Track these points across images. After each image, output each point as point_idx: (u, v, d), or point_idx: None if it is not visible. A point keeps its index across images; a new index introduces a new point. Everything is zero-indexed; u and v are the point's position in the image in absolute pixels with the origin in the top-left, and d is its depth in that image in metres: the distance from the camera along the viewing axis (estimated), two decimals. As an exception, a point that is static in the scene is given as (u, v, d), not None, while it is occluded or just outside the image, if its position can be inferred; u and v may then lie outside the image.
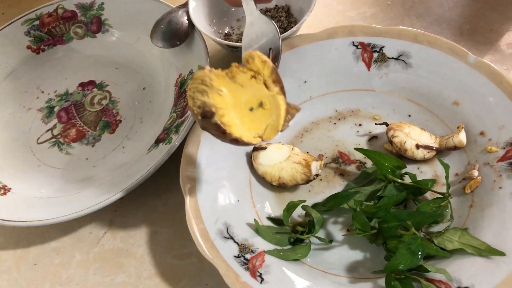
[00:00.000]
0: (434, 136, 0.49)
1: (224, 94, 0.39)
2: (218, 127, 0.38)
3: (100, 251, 0.49)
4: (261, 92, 0.39)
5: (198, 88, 0.38)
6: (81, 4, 0.63)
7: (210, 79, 0.38)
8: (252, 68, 0.39)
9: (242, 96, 0.40)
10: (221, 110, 0.38)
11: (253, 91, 0.40)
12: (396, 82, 0.52)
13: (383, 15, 0.63)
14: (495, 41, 0.58)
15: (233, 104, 0.39)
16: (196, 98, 0.38)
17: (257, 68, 0.39)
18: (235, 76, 0.40)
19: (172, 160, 0.48)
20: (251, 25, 0.45)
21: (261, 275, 0.42)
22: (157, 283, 0.46)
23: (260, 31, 0.45)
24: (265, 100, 0.40)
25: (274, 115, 0.39)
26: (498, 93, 0.47)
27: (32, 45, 0.63)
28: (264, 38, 0.45)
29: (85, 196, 0.50)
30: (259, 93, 0.39)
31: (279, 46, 0.45)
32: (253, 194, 0.49)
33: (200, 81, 0.38)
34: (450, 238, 0.42)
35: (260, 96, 0.40)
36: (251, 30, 0.45)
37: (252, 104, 0.40)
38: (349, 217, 0.47)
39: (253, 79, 0.39)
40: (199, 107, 0.38)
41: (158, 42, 0.57)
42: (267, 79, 0.39)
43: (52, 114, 0.60)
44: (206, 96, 0.38)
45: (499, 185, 0.45)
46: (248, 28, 0.45)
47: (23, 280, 0.48)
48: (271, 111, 0.39)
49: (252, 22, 0.45)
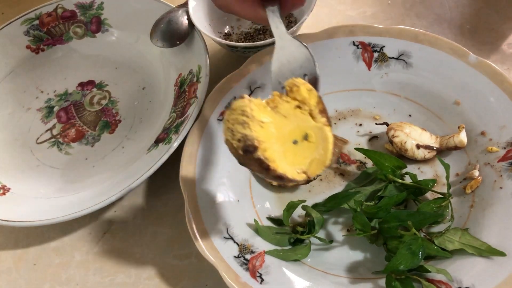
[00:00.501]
0: (434, 136, 0.49)
1: (266, 126, 0.36)
2: (261, 163, 0.34)
3: (99, 252, 0.49)
4: (306, 123, 0.37)
5: (238, 120, 0.35)
6: (81, 3, 0.63)
7: (251, 109, 0.35)
8: (297, 97, 0.37)
9: (285, 128, 0.37)
10: (264, 143, 0.35)
11: (298, 122, 0.37)
12: (396, 82, 0.52)
13: (384, 15, 0.63)
14: (496, 41, 0.58)
15: (276, 136, 0.36)
16: (235, 131, 0.35)
17: (302, 97, 0.36)
18: (277, 106, 0.37)
19: (172, 160, 0.48)
20: (282, 49, 0.42)
21: (261, 276, 0.42)
22: (157, 283, 0.46)
23: (292, 55, 0.42)
24: (311, 132, 0.36)
25: (321, 148, 0.36)
26: (499, 93, 0.47)
27: (32, 45, 0.63)
28: (297, 62, 0.42)
29: (85, 196, 0.50)
30: (304, 124, 0.37)
31: (315, 72, 0.41)
32: (253, 194, 0.49)
33: (240, 112, 0.35)
34: (450, 239, 0.42)
35: (305, 128, 0.37)
36: (281, 54, 0.42)
37: (296, 137, 0.37)
38: (349, 217, 0.47)
39: (298, 109, 0.37)
40: (239, 140, 0.35)
41: (157, 42, 0.56)
42: (313, 109, 0.36)
43: (52, 114, 0.59)
44: (247, 128, 0.34)
45: (499, 185, 0.45)
46: (278, 52, 0.42)
47: (23, 280, 0.48)
48: (317, 144, 0.36)
49: (282, 46, 0.42)
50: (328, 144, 0.36)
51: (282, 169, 0.35)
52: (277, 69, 0.42)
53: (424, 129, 0.49)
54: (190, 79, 0.54)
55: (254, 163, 0.35)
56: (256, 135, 0.34)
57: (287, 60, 0.42)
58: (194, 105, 0.50)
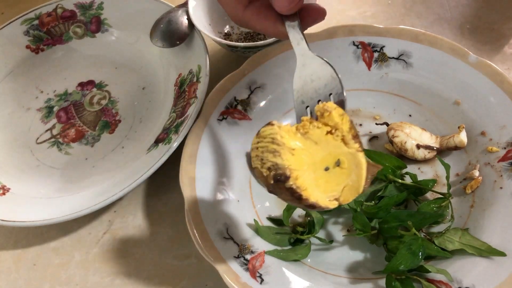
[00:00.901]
0: (434, 136, 0.49)
1: (297, 153, 0.34)
2: (293, 192, 0.33)
3: (99, 252, 0.49)
4: (338, 150, 0.35)
5: (268, 148, 0.33)
6: (81, 3, 0.63)
7: (281, 136, 0.34)
8: (328, 123, 0.35)
9: (316, 155, 0.35)
10: (295, 172, 0.33)
11: (329, 148, 0.35)
12: (396, 81, 0.52)
13: (384, 15, 0.63)
14: (496, 41, 0.58)
15: (307, 164, 0.35)
16: (265, 159, 0.33)
17: (334, 123, 0.35)
18: (307, 132, 0.35)
19: (171, 160, 0.48)
20: (304, 67, 0.40)
21: (261, 276, 0.42)
22: (157, 283, 0.46)
23: (316, 74, 0.40)
24: (343, 158, 0.35)
25: (354, 174, 0.35)
26: (499, 93, 0.47)
27: (31, 44, 0.63)
28: (321, 81, 0.40)
29: (85, 196, 0.50)
30: (336, 150, 0.35)
31: (342, 92, 0.39)
32: (253, 194, 0.49)
33: (270, 140, 0.34)
34: (450, 239, 0.42)
35: (337, 154, 0.35)
36: (303, 72, 0.40)
37: (327, 163, 0.35)
38: (349, 218, 0.47)
39: (329, 135, 0.35)
40: (269, 169, 0.33)
41: (157, 42, 0.56)
42: (346, 134, 0.35)
43: (51, 114, 0.59)
44: (278, 157, 0.33)
45: (500, 185, 0.45)
46: (300, 70, 0.40)
47: (22, 280, 0.48)
48: (350, 170, 0.35)
49: (304, 64, 0.40)
50: (362, 171, 0.35)
51: (314, 197, 0.34)
52: (300, 88, 0.40)
53: (424, 129, 0.49)
54: (190, 79, 0.54)
55: (285, 191, 0.33)
56: (287, 164, 0.33)
57: (310, 78, 0.40)
58: (194, 105, 0.50)
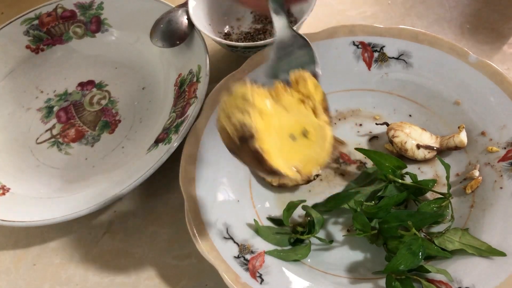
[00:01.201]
0: (434, 136, 0.49)
1: (266, 117, 0.33)
2: (255, 154, 0.32)
3: (99, 252, 0.49)
4: (307, 119, 0.35)
5: (238, 106, 0.33)
6: (81, 3, 0.63)
7: (253, 96, 0.33)
8: (302, 91, 0.35)
9: (285, 121, 0.34)
10: (261, 134, 0.32)
11: (299, 117, 0.35)
12: (396, 81, 0.52)
13: (384, 15, 0.63)
14: (496, 41, 0.58)
15: (274, 129, 0.34)
16: (233, 117, 0.32)
17: (308, 92, 0.35)
18: (280, 97, 0.34)
19: (171, 160, 0.48)
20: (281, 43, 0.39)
21: (261, 276, 0.42)
22: (157, 283, 0.46)
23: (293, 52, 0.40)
24: (311, 129, 0.34)
25: (318, 147, 0.34)
26: (499, 93, 0.47)
27: (31, 44, 0.63)
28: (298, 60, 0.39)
29: (85, 196, 0.50)
30: (304, 120, 0.35)
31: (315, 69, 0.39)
32: (253, 194, 0.49)
33: (241, 98, 0.33)
34: (450, 239, 0.42)
35: (305, 124, 0.35)
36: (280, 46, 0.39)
37: (294, 132, 0.34)
38: (349, 218, 0.47)
39: (301, 104, 0.35)
40: (235, 127, 0.32)
41: (157, 42, 0.56)
42: (317, 105, 0.35)
43: (51, 114, 0.59)
44: (247, 115, 0.32)
45: (500, 185, 0.45)
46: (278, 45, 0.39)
47: (22, 280, 0.48)
48: (316, 142, 0.34)
49: (282, 40, 0.39)
50: (327, 144, 0.34)
51: (276, 163, 0.33)
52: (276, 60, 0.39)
53: (424, 129, 0.49)
54: (190, 79, 0.54)
55: (247, 153, 0.32)
56: (254, 125, 0.32)
57: (285, 52, 0.40)
58: (194, 105, 0.50)
